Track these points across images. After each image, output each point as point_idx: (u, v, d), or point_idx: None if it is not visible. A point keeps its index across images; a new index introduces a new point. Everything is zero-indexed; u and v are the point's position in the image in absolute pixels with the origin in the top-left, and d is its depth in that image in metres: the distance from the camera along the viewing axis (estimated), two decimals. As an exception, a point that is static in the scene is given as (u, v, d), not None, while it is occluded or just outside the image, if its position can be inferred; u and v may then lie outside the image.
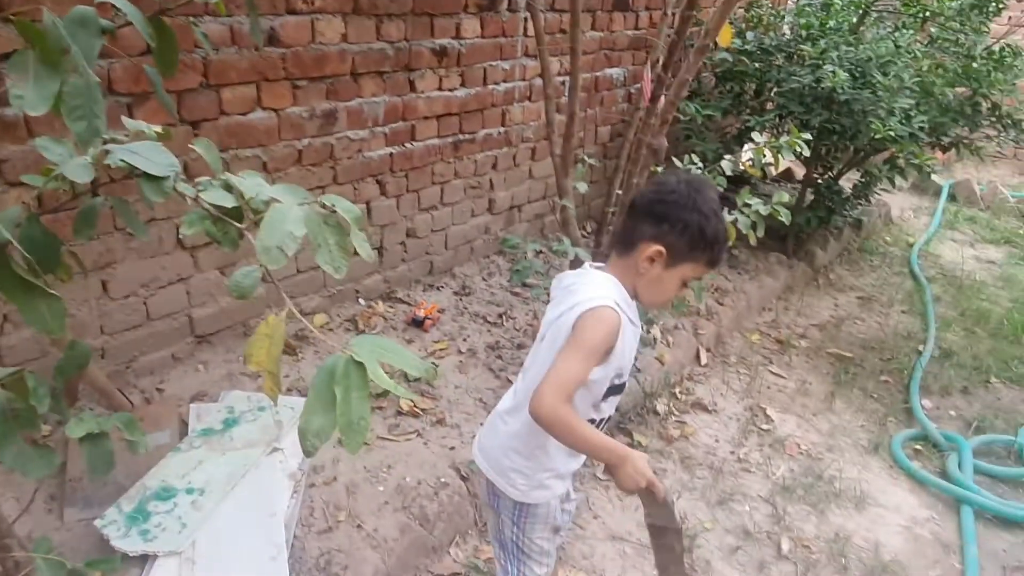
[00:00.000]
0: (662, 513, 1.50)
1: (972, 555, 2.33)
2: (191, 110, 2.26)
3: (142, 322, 2.37)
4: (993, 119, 4.09)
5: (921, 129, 3.67)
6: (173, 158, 1.02)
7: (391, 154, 2.97)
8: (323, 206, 0.85)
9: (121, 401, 2.10)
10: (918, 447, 2.94)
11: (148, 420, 2.17)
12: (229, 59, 2.30)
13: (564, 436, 1.36)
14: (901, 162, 3.97)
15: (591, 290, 1.40)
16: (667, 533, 1.55)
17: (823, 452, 2.85)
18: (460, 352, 2.91)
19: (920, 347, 3.69)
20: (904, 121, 3.61)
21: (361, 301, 3.10)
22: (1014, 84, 4.06)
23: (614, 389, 1.49)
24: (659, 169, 2.50)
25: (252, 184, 0.93)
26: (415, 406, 2.53)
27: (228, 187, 0.95)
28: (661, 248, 1.39)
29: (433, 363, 2.49)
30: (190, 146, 1.07)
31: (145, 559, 1.78)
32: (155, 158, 1.01)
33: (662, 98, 2.23)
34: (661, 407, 2.96)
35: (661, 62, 2.25)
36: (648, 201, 1.44)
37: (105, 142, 1.08)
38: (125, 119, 1.18)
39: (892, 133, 3.49)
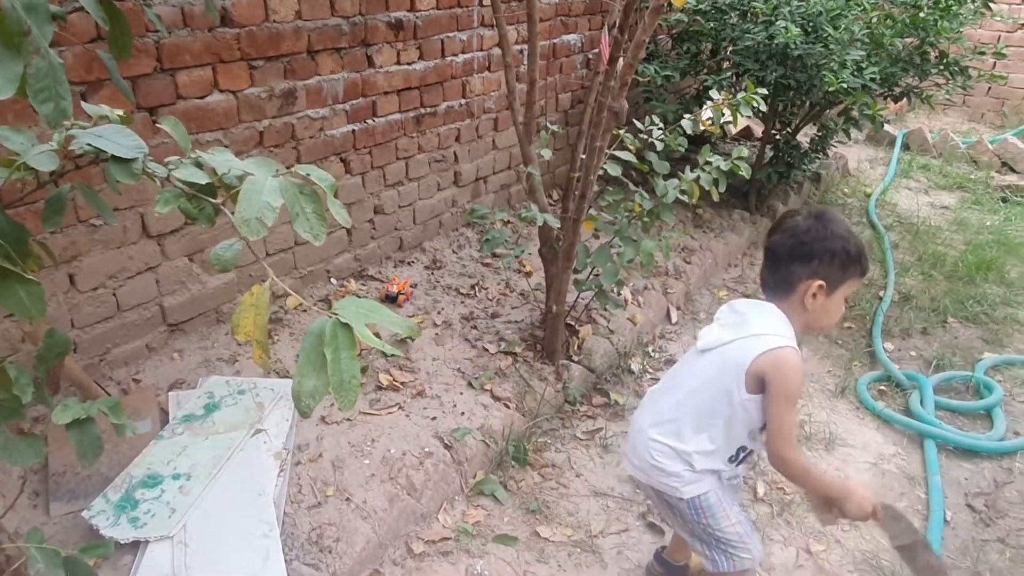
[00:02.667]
0: (902, 529, 1.57)
1: (936, 485, 2.44)
2: (147, 96, 2.22)
3: (112, 314, 2.35)
4: (941, 67, 4.19)
5: (873, 80, 3.75)
6: (140, 140, 1.02)
7: (353, 131, 2.96)
8: (297, 176, 0.86)
9: (98, 393, 2.09)
10: (882, 388, 3.06)
11: (127, 411, 2.15)
12: (182, 41, 2.27)
13: (799, 480, 1.59)
14: (855, 114, 4.06)
15: (771, 325, 1.54)
16: (916, 549, 1.59)
17: (793, 399, 2.95)
18: (435, 325, 2.94)
19: (880, 293, 3.81)
20: (856, 73, 3.68)
21: (333, 281, 3.10)
22: (960, 32, 4.15)
23: None
24: (621, 131, 2.53)
25: (223, 160, 0.94)
26: (394, 380, 2.56)
27: (199, 164, 0.96)
28: (820, 282, 1.52)
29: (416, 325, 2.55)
30: (158, 125, 1.07)
31: (137, 545, 1.80)
32: (122, 141, 1.01)
33: (620, 60, 2.25)
34: (635, 366, 3.03)
35: (617, 24, 2.27)
36: (790, 246, 1.56)
37: (67, 128, 1.08)
38: (85, 104, 1.17)
39: (845, 85, 3.56)
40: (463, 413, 2.47)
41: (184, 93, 2.32)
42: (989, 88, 7.22)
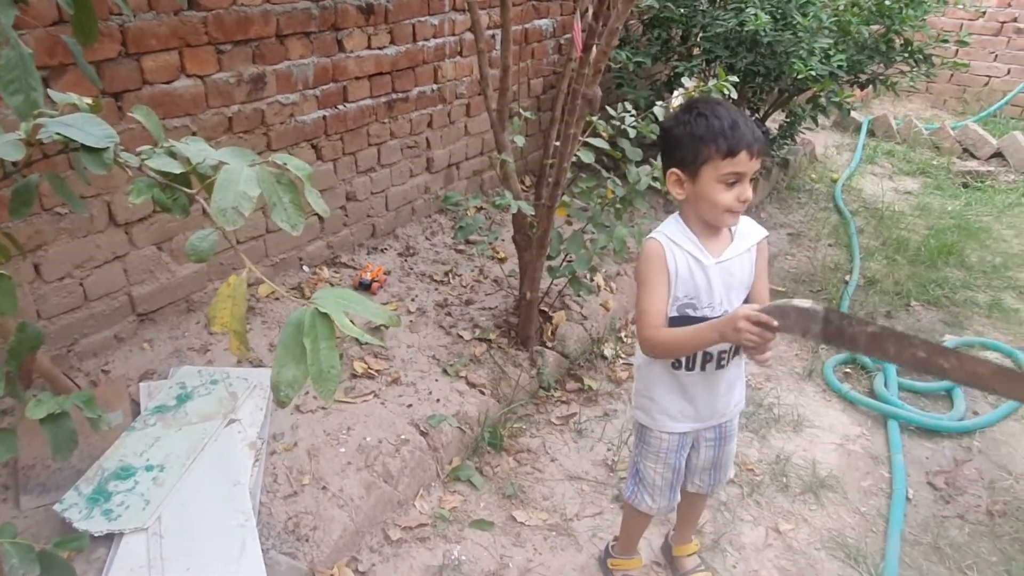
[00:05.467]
0: (798, 321, 1.35)
1: (899, 463, 2.52)
2: (111, 81, 2.17)
3: (80, 304, 2.31)
4: (906, 55, 4.27)
5: (840, 67, 3.81)
6: (111, 129, 1.01)
7: (324, 117, 2.92)
8: (273, 165, 0.86)
9: (67, 385, 2.05)
10: (848, 370, 3.13)
11: (98, 402, 2.13)
12: (147, 25, 2.22)
13: (670, 351, 1.58)
14: (823, 100, 4.12)
15: (659, 227, 1.58)
16: (829, 326, 1.33)
17: (762, 382, 3.00)
18: (410, 312, 2.94)
19: (847, 277, 3.90)
20: (824, 60, 3.74)
21: (305, 268, 3.08)
22: (924, 20, 4.24)
23: (689, 321, 1.57)
24: (594, 118, 2.54)
25: (197, 149, 0.93)
26: (369, 368, 2.56)
27: (172, 154, 0.95)
28: (674, 169, 1.51)
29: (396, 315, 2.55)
30: (127, 112, 1.05)
31: (111, 538, 1.78)
32: (92, 130, 0.99)
33: (594, 48, 2.26)
34: (608, 351, 3.06)
35: (591, 11, 2.27)
36: (658, 144, 1.60)
37: (35, 117, 1.05)
38: (52, 92, 1.15)
39: (813, 73, 3.61)
40: (438, 400, 2.48)
41: (150, 78, 2.28)
42: (951, 75, 7.37)
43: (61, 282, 2.24)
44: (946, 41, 4.44)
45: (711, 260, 1.55)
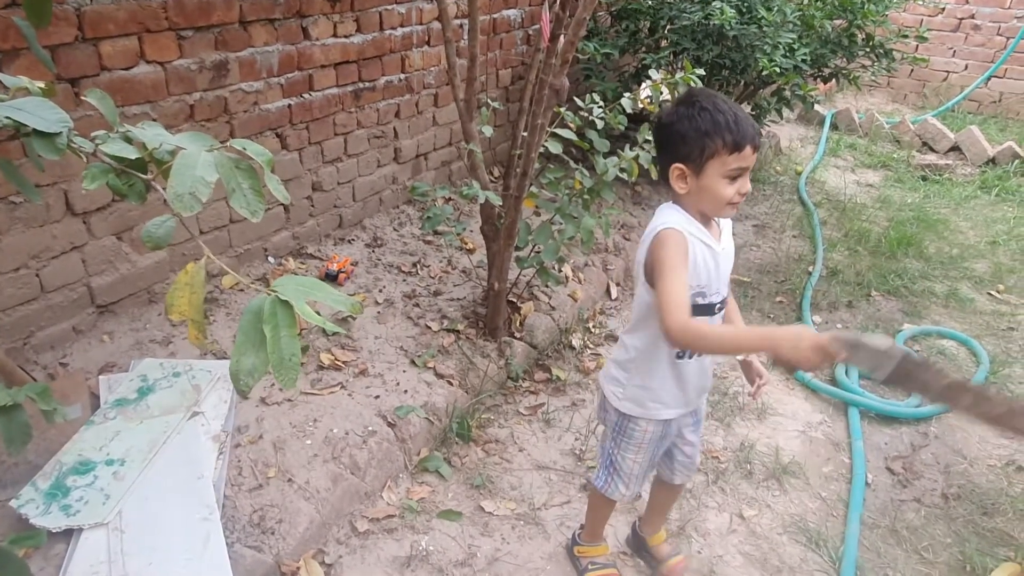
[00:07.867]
0: (869, 358, 1.25)
1: (859, 450, 2.58)
2: (68, 66, 2.12)
3: (36, 295, 2.25)
4: (867, 49, 4.34)
5: (804, 61, 3.86)
6: (64, 113, 0.98)
7: (289, 106, 2.88)
8: (232, 150, 0.84)
9: (22, 378, 2.00)
10: (811, 359, 3.19)
11: (55, 396, 2.08)
12: (105, 9, 2.16)
13: (705, 346, 1.47)
14: (787, 94, 4.18)
15: (654, 221, 1.55)
16: (905, 373, 1.24)
17: (728, 371, 3.05)
18: (377, 303, 2.92)
19: (810, 268, 3.96)
20: (788, 55, 3.79)
21: (271, 259, 3.03)
22: (885, 15, 4.31)
23: (698, 309, 1.55)
24: (562, 109, 2.54)
25: (153, 134, 0.91)
26: (336, 359, 2.53)
27: (128, 139, 0.93)
28: (678, 164, 1.50)
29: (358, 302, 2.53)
30: (81, 97, 1.03)
31: (70, 534, 1.74)
32: (44, 114, 0.97)
33: (561, 38, 2.26)
34: (576, 341, 3.07)
35: (559, 1, 2.27)
36: (655, 137, 1.57)
37: (-17, 100, 1.02)
38: (3, 76, 1.12)
39: (777, 67, 3.66)
40: (406, 391, 2.47)
41: (108, 64, 2.22)
42: (912, 70, 7.52)
43: (16, 273, 2.18)
44: (906, 36, 4.53)
45: (719, 247, 1.58)
